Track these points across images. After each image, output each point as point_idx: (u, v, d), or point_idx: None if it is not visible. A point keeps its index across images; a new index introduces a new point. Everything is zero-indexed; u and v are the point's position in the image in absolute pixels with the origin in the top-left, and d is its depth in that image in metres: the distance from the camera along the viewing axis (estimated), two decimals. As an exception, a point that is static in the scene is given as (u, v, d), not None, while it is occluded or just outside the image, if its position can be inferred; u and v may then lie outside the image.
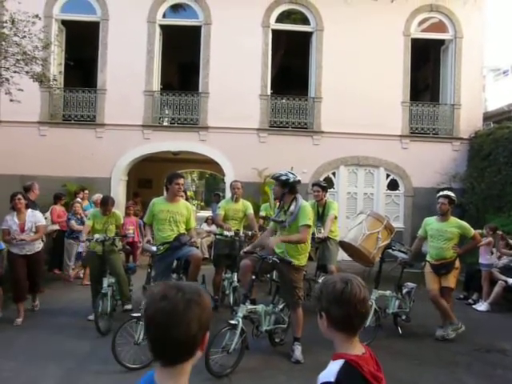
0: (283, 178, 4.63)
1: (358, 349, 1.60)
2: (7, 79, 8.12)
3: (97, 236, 5.83)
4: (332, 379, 1.49)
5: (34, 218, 5.90)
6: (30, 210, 5.94)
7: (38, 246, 6.01)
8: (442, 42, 12.60)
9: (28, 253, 5.86)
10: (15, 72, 8.13)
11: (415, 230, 7.09)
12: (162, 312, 1.18)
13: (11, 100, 8.31)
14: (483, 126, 12.06)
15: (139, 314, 4.42)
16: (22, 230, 5.77)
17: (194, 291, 1.23)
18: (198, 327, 1.19)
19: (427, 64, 14.28)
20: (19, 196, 5.84)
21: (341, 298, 1.53)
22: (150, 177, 15.27)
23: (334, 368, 1.52)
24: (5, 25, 7.79)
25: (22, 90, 8.31)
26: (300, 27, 12.13)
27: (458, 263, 5.49)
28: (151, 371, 1.28)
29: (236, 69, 11.41)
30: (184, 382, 1.25)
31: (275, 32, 12.07)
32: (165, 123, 12.09)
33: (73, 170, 11.06)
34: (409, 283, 5.98)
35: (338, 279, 1.58)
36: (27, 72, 8.18)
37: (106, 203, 6.10)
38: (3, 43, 7.81)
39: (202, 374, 4.06)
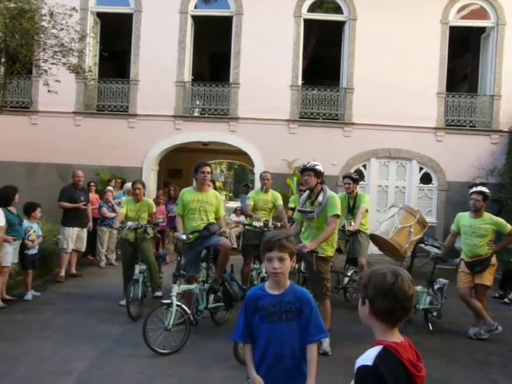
0: (318, 167, 4.61)
1: (396, 337, 1.60)
2: (45, 71, 8.38)
3: (129, 224, 5.96)
4: (370, 363, 1.49)
5: None
6: None
7: None
8: (482, 29, 12.10)
9: None
10: (53, 64, 8.38)
11: (448, 225, 6.90)
12: (275, 234, 2.34)
13: (49, 91, 8.57)
14: (525, 118, 11.55)
15: (169, 301, 4.51)
16: None
17: (285, 232, 2.51)
18: (291, 244, 2.26)
19: (466, 53, 13.77)
20: None
21: (389, 291, 1.53)
22: (180, 167, 15.46)
23: (372, 353, 1.52)
24: (44, 18, 8.01)
25: (59, 81, 8.55)
26: (333, 16, 11.91)
27: (494, 260, 5.31)
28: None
29: (267, 59, 11.34)
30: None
31: (307, 22, 11.91)
32: (195, 114, 12.18)
33: (106, 159, 11.33)
34: (441, 279, 5.83)
35: (388, 271, 1.57)
36: (64, 63, 8.42)
37: (135, 183, 6.29)
38: (42, 36, 8.04)
39: (230, 361, 4.11)
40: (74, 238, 7.62)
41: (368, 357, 1.51)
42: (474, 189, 5.49)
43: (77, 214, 7.68)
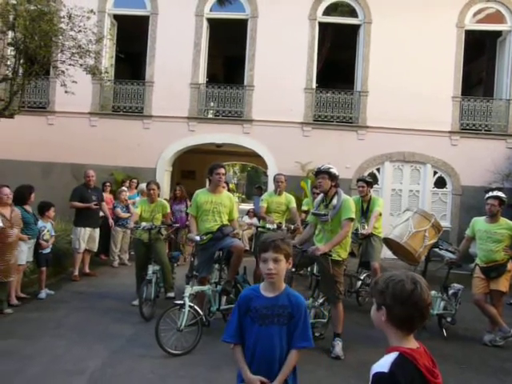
0: (333, 170, 4.61)
1: (412, 343, 1.59)
2: (63, 72, 8.49)
3: (144, 224, 6.00)
4: (386, 370, 1.48)
5: None
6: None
7: None
8: (498, 33, 11.97)
9: None
10: (70, 65, 8.49)
11: (463, 229, 6.81)
12: (271, 235, 2.32)
13: (66, 92, 8.69)
14: (542, 123, 11.35)
15: (182, 302, 4.53)
16: None
17: (281, 234, 2.64)
18: (286, 245, 2.25)
19: (481, 57, 13.61)
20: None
21: (408, 299, 1.52)
22: (194, 168, 15.52)
23: (388, 359, 1.51)
24: (62, 20, 8.14)
25: (75, 82, 8.66)
26: (347, 20, 11.88)
27: (510, 266, 5.22)
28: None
29: (281, 62, 11.35)
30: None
31: (322, 25, 11.90)
32: (210, 115, 12.24)
33: (120, 160, 11.44)
34: (455, 284, 5.76)
35: (406, 278, 1.56)
36: (81, 65, 8.53)
37: (149, 184, 6.34)
38: (60, 37, 8.17)
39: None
40: (86, 238, 7.66)
41: (384, 364, 1.50)
42: (490, 193, 5.41)
43: (88, 214, 7.69)
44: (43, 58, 8.12)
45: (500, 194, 5.37)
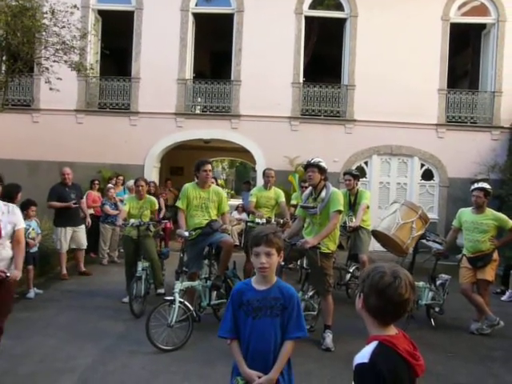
0: (323, 164, 4.63)
1: (391, 330, 1.60)
2: (47, 68, 8.38)
3: (132, 221, 5.97)
4: (366, 360, 1.49)
5: (14, 216, 3.62)
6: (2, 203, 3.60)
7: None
8: (483, 26, 12.08)
9: None
10: (54, 61, 8.38)
11: (450, 221, 6.90)
12: (263, 229, 2.33)
13: (51, 89, 8.57)
14: (526, 115, 11.53)
15: (172, 298, 4.53)
16: None
17: (273, 228, 2.54)
18: (278, 239, 2.26)
19: (466, 50, 13.75)
20: None
21: (383, 292, 1.52)
22: (182, 164, 15.46)
23: (368, 349, 1.53)
24: (45, 15, 8.02)
25: (60, 79, 8.56)
26: (334, 13, 11.90)
27: (495, 255, 5.32)
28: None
29: (268, 56, 11.33)
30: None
31: (308, 19, 11.90)
32: (197, 111, 12.19)
33: (108, 157, 11.35)
34: (443, 275, 5.84)
35: (388, 271, 1.56)
36: (66, 61, 8.42)
37: (138, 180, 6.33)
38: (43, 33, 8.05)
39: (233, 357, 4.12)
40: (68, 238, 7.46)
41: (364, 354, 1.51)
42: (476, 185, 5.49)
43: (68, 213, 7.39)
44: (26, 54, 8.00)
45: (485, 185, 5.46)
